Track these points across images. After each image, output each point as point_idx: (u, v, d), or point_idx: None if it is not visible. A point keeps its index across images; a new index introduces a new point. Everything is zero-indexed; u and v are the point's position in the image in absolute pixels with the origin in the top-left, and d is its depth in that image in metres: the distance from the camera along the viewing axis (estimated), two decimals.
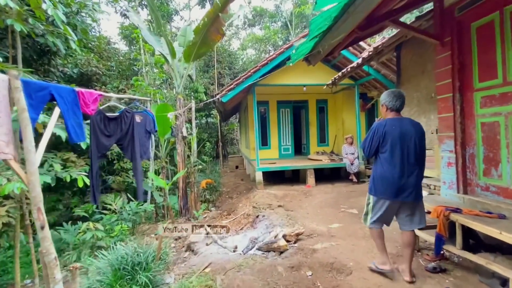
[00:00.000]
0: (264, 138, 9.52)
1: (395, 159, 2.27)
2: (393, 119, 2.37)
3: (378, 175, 2.38)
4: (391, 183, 2.28)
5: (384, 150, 2.32)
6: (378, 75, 7.08)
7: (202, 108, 17.27)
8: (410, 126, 2.34)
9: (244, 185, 8.89)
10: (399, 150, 2.27)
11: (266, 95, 9.37)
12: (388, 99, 2.40)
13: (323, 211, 5.38)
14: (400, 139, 2.27)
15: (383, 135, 2.30)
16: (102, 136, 2.31)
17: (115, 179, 9.58)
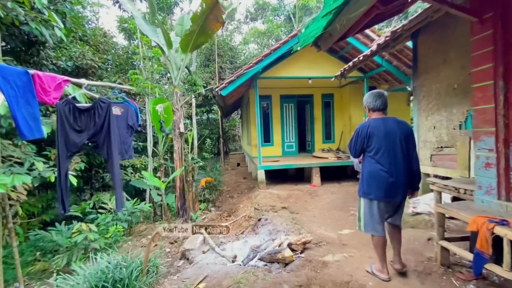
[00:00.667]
0: (267, 134, 9.06)
1: (382, 159, 2.26)
2: (376, 119, 2.35)
3: (367, 175, 2.35)
4: (380, 182, 2.26)
5: (370, 150, 2.31)
6: (390, 66, 6.57)
7: (203, 103, 16.86)
8: (395, 125, 2.31)
9: (245, 184, 8.47)
10: (385, 149, 2.26)
11: (268, 89, 8.89)
12: (369, 100, 2.42)
13: (331, 214, 4.95)
14: (385, 138, 2.26)
15: (367, 135, 2.29)
16: (71, 131, 1.89)
17: None
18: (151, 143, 8.82)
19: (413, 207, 4.35)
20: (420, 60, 4.91)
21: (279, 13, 24.95)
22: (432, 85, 4.66)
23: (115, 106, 2.14)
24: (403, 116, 9.25)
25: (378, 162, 2.27)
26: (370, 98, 2.42)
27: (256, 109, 6.98)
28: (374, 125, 2.30)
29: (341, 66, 7.32)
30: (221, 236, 4.65)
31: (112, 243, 5.96)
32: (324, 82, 8.47)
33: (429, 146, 4.81)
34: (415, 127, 5.17)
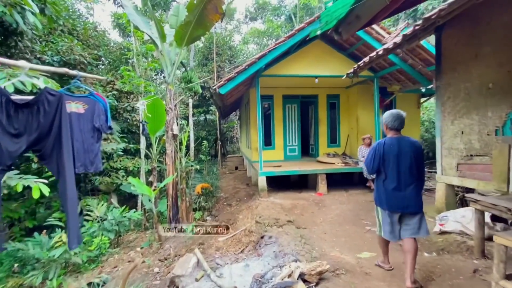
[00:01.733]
0: (268, 137, 8.46)
1: (394, 175, 2.49)
2: (392, 138, 2.57)
3: (381, 189, 2.61)
4: (390, 196, 2.51)
5: (385, 167, 2.54)
6: (404, 65, 6.02)
7: (200, 104, 16.24)
8: (408, 145, 2.51)
9: (244, 190, 7.84)
10: (397, 166, 2.48)
11: (270, 89, 8.31)
12: (388, 119, 2.57)
13: (343, 230, 4.35)
14: (398, 156, 2.48)
15: (383, 153, 2.52)
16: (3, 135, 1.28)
17: (103, 179, 8.58)
18: (144, 144, 8.19)
19: (440, 224, 3.77)
20: (446, 56, 4.34)
21: (280, 13, 24.45)
22: (461, 84, 4.10)
23: (74, 101, 1.54)
24: (413, 119, 8.71)
25: (389, 178, 2.52)
26: (390, 117, 2.57)
27: (258, 110, 6.38)
28: (389, 143, 2.53)
29: (350, 65, 6.76)
30: (217, 255, 4.04)
31: (96, 256, 5.32)
32: (330, 82, 7.91)
33: (455, 154, 4.24)
34: (437, 132, 4.60)
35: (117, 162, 8.82)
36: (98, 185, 8.50)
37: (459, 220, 3.58)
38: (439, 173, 4.57)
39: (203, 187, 7.41)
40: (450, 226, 3.63)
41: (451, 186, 4.45)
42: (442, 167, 4.50)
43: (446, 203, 4.44)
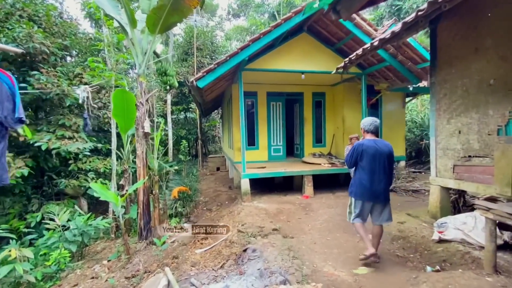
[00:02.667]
0: (251, 136, 7.97)
1: (369, 171, 2.92)
2: (369, 140, 2.99)
3: (357, 182, 3.03)
4: (365, 189, 2.95)
5: (362, 164, 2.97)
6: (394, 61, 5.76)
7: (180, 101, 15.42)
8: (383, 146, 2.94)
9: (226, 194, 7.30)
10: (372, 164, 2.91)
11: (254, 85, 7.82)
12: (366, 124, 3.05)
13: (335, 238, 3.95)
14: (374, 156, 2.90)
15: (361, 152, 2.95)
16: None
17: (69, 182, 7.69)
18: (115, 144, 7.41)
19: (438, 232, 3.46)
20: (442, 50, 4.07)
21: (263, 10, 24.04)
22: (458, 80, 3.83)
23: None
24: (398, 118, 8.60)
25: (366, 174, 2.92)
26: (367, 122, 3.02)
27: (241, 107, 5.87)
28: (367, 145, 2.92)
29: (338, 61, 6.43)
30: (192, 272, 3.49)
31: (55, 272, 4.58)
32: (315, 79, 7.56)
33: (451, 155, 3.97)
34: (432, 132, 4.33)
35: (86, 163, 7.96)
36: (64, 189, 7.62)
37: (460, 228, 3.28)
38: (433, 175, 4.31)
39: (181, 190, 6.78)
40: (450, 234, 3.33)
41: (446, 189, 4.19)
42: (436, 168, 4.24)
43: (440, 207, 4.17)
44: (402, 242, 3.73)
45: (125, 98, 4.76)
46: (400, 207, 5.42)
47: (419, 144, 10.34)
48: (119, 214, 4.59)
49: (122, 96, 4.72)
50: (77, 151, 7.44)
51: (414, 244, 3.61)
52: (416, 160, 10.45)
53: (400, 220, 4.53)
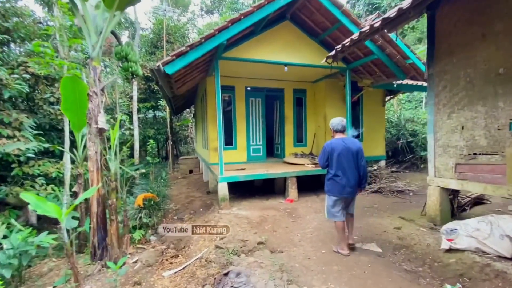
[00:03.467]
0: (228, 135, 7.25)
1: (340, 168, 3.13)
2: (338, 138, 3.21)
3: (331, 180, 3.22)
4: (339, 185, 3.14)
5: (332, 162, 3.17)
6: (382, 54, 5.42)
7: (148, 97, 14.15)
8: (351, 144, 3.15)
9: (200, 199, 6.48)
10: (342, 162, 3.12)
11: (231, 79, 7.11)
12: (334, 124, 3.25)
13: (330, 251, 3.39)
14: (343, 154, 3.11)
15: (331, 151, 3.16)
16: None
17: (11, 190, 6.33)
18: (68, 144, 6.23)
19: (448, 240, 3.05)
20: (441, 38, 3.72)
21: (237, 7, 23.39)
22: (460, 71, 3.48)
23: None
24: (378, 117, 8.44)
25: (338, 171, 3.15)
26: (336, 122, 3.26)
27: (217, 101, 5.14)
28: (336, 143, 3.17)
29: (322, 54, 5.98)
30: None
31: None
32: (297, 74, 7.07)
33: (453, 152, 3.63)
34: (430, 128, 3.97)
35: (33, 167, 6.64)
36: (5, 198, 6.25)
37: (473, 235, 2.89)
38: (432, 175, 3.95)
39: (146, 197, 5.84)
40: (463, 242, 2.93)
41: (446, 190, 3.85)
42: (435, 168, 3.89)
43: (440, 210, 3.82)
44: (406, 252, 3.27)
45: (77, 88, 3.84)
46: (390, 210, 5.06)
47: (395, 144, 10.38)
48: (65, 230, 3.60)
49: (72, 85, 3.79)
50: (19, 152, 6.14)
51: (420, 254, 3.17)
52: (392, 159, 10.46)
53: (396, 225, 4.12)
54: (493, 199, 5.28)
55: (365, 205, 5.45)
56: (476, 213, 4.69)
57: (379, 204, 5.50)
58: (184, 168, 10.19)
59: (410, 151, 9.85)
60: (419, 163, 9.52)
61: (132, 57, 4.67)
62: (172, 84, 5.27)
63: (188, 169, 10.20)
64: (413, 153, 9.73)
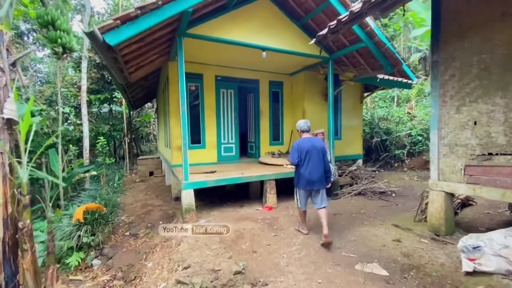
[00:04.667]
0: (196, 132, 6.22)
1: (307, 164, 3.53)
2: (305, 138, 3.64)
3: (298, 174, 3.66)
4: (304, 178, 3.56)
5: (302, 158, 3.57)
6: (370, 42, 4.87)
7: (101, 89, 12.34)
8: (316, 142, 3.59)
9: (160, 209, 5.39)
10: (308, 158, 3.53)
11: (199, 66, 6.09)
12: (301, 125, 3.72)
13: (327, 277, 2.65)
14: (309, 151, 3.53)
15: (301, 149, 3.56)
16: None
17: None
18: None
19: (470, 259, 2.49)
20: (449, 19, 3.19)
21: None
22: (473, 56, 2.97)
23: None
24: (356, 114, 8.05)
25: (304, 166, 3.55)
26: (302, 123, 3.72)
27: (181, 91, 4.14)
28: (304, 142, 3.60)
29: (304, 40, 5.28)
30: None
31: None
32: (273, 64, 6.31)
33: (462, 152, 3.12)
34: (433, 123, 3.44)
35: None
36: None
37: (501, 254, 2.35)
38: (435, 178, 3.43)
39: (89, 209, 4.61)
40: (489, 263, 2.38)
41: (450, 196, 3.36)
42: (439, 170, 3.37)
43: (445, 218, 3.31)
44: (418, 275, 2.66)
45: None
46: (380, 216, 4.54)
47: (369, 142, 10.22)
48: None
49: None
50: None
51: (436, 277, 2.57)
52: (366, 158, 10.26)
53: (394, 237, 3.56)
54: (478, 200, 5.09)
55: (351, 210, 4.88)
56: (468, 216, 4.38)
57: (366, 208, 4.97)
58: (143, 170, 8.85)
59: (384, 150, 9.72)
60: (393, 161, 9.44)
61: (61, 24, 3.44)
62: (121, 65, 4.12)
63: (148, 171, 8.89)
64: (387, 151, 9.61)
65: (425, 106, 9.92)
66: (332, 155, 5.78)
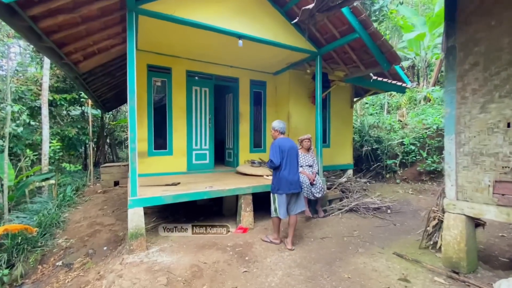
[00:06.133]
0: (161, 135, 5.28)
1: (287, 165, 3.38)
2: (283, 138, 3.51)
3: (278, 177, 3.40)
4: (286, 181, 3.35)
5: (283, 158, 3.38)
6: (365, 33, 4.16)
7: (69, 88, 11.17)
8: (292, 143, 3.52)
9: (110, 230, 4.36)
10: (288, 159, 3.39)
11: (166, 58, 5.21)
12: (280, 126, 3.56)
13: None
14: (289, 152, 3.41)
15: (282, 148, 3.39)
16: None
17: None
18: None
19: None
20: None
21: None
22: (504, 37, 2.25)
23: None
24: (346, 120, 7.35)
25: (285, 168, 3.37)
26: (281, 124, 3.57)
27: (129, 77, 3.25)
28: (283, 141, 3.46)
29: (288, 30, 4.56)
30: None
31: None
32: (254, 59, 5.55)
33: (489, 164, 2.36)
34: (449, 127, 2.68)
35: None
36: None
37: None
38: (452, 197, 2.66)
39: (9, 231, 3.56)
40: None
41: (472, 220, 2.58)
42: (457, 186, 2.60)
43: (467, 250, 2.52)
44: None
45: None
46: (377, 240, 3.72)
47: (359, 151, 9.56)
48: None
49: None
50: None
51: None
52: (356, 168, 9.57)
53: (398, 273, 2.73)
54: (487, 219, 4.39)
55: (343, 232, 4.04)
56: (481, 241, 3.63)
57: (360, 229, 4.15)
58: (106, 179, 7.73)
59: (375, 159, 9.06)
60: (384, 172, 8.77)
61: None
62: (50, 45, 3.17)
63: (113, 180, 7.78)
64: (378, 161, 8.96)
65: (417, 114, 9.40)
66: (320, 164, 4.97)
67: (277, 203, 3.40)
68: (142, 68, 4.94)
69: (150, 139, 5.06)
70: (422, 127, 8.63)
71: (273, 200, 3.46)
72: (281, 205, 3.36)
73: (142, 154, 4.95)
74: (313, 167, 4.77)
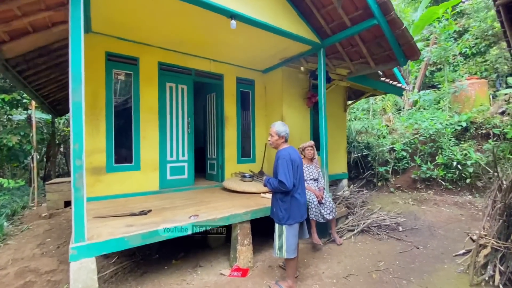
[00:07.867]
0: (125, 144, 4.08)
1: (299, 185, 2.57)
2: (290, 149, 2.59)
3: (293, 202, 2.51)
4: (300, 205, 2.55)
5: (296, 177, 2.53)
6: (384, 21, 3.46)
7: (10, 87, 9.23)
8: (299, 154, 2.65)
9: (49, 280, 3.06)
10: (299, 175, 2.57)
11: (132, 45, 4.07)
12: (284, 129, 2.60)
13: None
14: (299, 166, 2.59)
15: (293, 162, 2.50)
16: None
17: None
18: None
19: None
20: None
21: None
22: None
23: None
24: (340, 125, 6.71)
25: (298, 186, 2.55)
26: (285, 127, 2.62)
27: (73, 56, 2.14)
28: (293, 152, 2.56)
29: (290, 15, 3.73)
30: None
31: None
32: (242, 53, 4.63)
33: None
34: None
35: None
36: None
37: None
38: None
39: None
40: None
41: None
42: None
43: None
44: None
45: None
46: (409, 273, 2.94)
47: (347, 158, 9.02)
48: None
49: None
50: None
51: None
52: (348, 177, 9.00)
53: None
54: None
55: (366, 264, 3.22)
56: None
57: (384, 259, 3.36)
58: (54, 199, 6.14)
59: (365, 167, 8.57)
60: (375, 180, 8.29)
61: None
62: None
63: (64, 200, 6.22)
64: (369, 168, 8.46)
65: (407, 119, 9.14)
66: (326, 179, 4.14)
67: (285, 237, 2.51)
68: (98, 56, 3.74)
69: (109, 149, 3.83)
70: (412, 132, 8.34)
71: (280, 234, 2.55)
72: (293, 239, 2.53)
73: (98, 170, 3.72)
74: (319, 181, 3.94)
